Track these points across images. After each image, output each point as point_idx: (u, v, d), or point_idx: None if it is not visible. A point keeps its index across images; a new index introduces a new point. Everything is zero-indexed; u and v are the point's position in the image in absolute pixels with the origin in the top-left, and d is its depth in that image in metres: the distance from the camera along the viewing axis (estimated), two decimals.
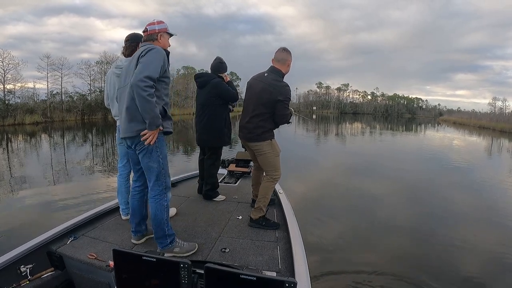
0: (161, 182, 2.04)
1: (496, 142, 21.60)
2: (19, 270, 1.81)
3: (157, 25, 2.08)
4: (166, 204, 2.07)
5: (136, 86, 1.82)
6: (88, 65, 33.86)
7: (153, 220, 2.05)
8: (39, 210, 4.93)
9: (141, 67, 1.86)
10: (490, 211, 5.51)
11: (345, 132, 25.53)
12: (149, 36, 2.07)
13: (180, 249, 2.08)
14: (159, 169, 2.02)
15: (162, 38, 2.09)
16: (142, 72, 1.83)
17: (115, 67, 2.56)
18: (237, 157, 4.46)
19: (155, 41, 2.07)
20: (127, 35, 2.59)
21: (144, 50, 1.94)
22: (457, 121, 48.48)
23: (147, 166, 2.02)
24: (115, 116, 2.65)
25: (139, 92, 1.81)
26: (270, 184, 2.62)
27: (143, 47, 1.98)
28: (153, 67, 1.87)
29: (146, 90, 1.81)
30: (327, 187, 6.95)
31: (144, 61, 1.88)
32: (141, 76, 1.82)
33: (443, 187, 7.27)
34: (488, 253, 3.85)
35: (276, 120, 2.56)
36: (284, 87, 2.50)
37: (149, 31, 2.07)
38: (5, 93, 25.53)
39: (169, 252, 2.06)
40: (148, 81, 1.82)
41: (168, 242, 2.07)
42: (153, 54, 1.91)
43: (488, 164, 11.85)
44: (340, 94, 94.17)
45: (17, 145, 13.84)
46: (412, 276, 3.20)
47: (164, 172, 2.06)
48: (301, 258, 1.91)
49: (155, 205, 2.03)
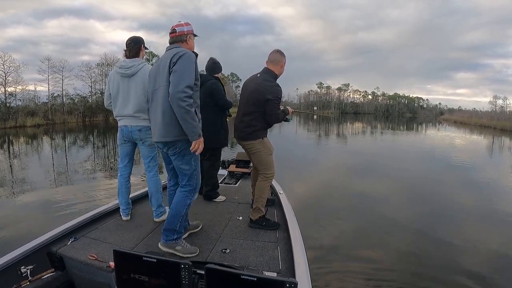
0: (192, 183, 2.10)
1: (497, 141, 21.55)
2: (20, 270, 1.82)
3: (185, 27, 2.08)
4: (189, 203, 2.12)
5: (176, 98, 1.83)
6: (89, 67, 33.97)
7: (171, 211, 2.09)
8: (41, 211, 4.94)
9: (178, 77, 1.87)
10: (493, 210, 5.49)
11: (346, 132, 25.52)
12: (178, 37, 2.07)
13: (182, 249, 2.07)
14: (191, 171, 2.08)
15: (190, 40, 2.11)
16: (180, 82, 1.85)
17: (118, 67, 2.57)
18: (237, 158, 4.46)
19: (184, 43, 2.07)
20: (129, 38, 2.61)
21: (174, 56, 1.92)
22: (458, 120, 48.40)
23: (179, 168, 2.08)
24: (116, 117, 2.65)
25: (179, 103, 1.83)
26: (265, 183, 2.63)
27: (173, 52, 1.96)
28: (188, 75, 1.89)
29: (186, 101, 1.84)
30: (327, 187, 6.94)
31: (178, 69, 1.89)
32: (180, 87, 1.83)
33: (445, 186, 7.25)
34: (491, 251, 3.83)
35: (267, 119, 2.57)
36: (273, 86, 2.53)
37: (178, 32, 2.06)
38: (6, 96, 25.63)
39: (170, 248, 2.05)
40: (188, 91, 1.85)
41: (174, 238, 2.06)
42: (186, 60, 1.91)
43: (489, 162, 11.83)
44: (340, 94, 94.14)
45: (19, 147, 13.88)
46: (413, 276, 3.19)
47: (196, 174, 2.12)
48: (302, 259, 1.91)
49: (179, 199, 2.09)
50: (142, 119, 2.57)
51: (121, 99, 2.57)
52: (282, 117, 2.67)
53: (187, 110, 1.84)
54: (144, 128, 2.59)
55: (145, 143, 2.64)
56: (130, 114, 2.56)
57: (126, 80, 2.54)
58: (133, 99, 2.54)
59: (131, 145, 2.71)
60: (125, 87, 2.54)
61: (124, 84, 2.54)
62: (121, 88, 2.55)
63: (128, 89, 2.54)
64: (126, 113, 2.57)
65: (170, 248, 2.05)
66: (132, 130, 2.59)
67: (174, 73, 1.89)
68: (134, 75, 2.52)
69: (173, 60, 1.91)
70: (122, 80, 2.55)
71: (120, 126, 2.65)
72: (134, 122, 2.58)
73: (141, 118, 2.57)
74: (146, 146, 2.66)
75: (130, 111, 2.55)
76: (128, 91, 2.54)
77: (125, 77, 2.54)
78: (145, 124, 2.58)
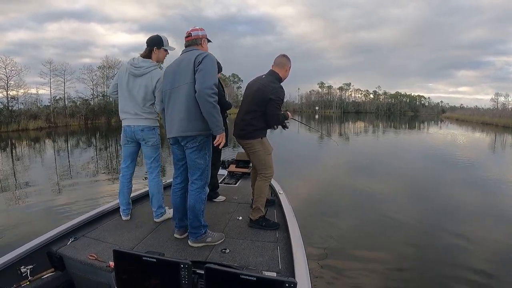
0: (203, 177, 2.21)
1: (500, 138, 21.44)
2: (20, 270, 1.83)
3: (200, 31, 2.25)
4: (204, 197, 2.23)
5: (204, 94, 1.97)
6: (90, 70, 34.03)
7: (191, 211, 2.19)
8: (42, 212, 4.97)
9: (205, 75, 2.01)
10: (498, 207, 5.45)
11: (348, 132, 25.45)
12: (194, 41, 2.23)
13: (212, 239, 2.23)
14: (205, 166, 2.20)
15: (204, 43, 2.28)
16: (207, 80, 2.00)
17: (131, 64, 2.57)
18: (237, 158, 4.45)
19: (199, 46, 2.23)
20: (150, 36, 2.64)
21: (199, 56, 2.07)
22: (460, 118, 48.28)
23: (195, 162, 2.17)
24: (120, 113, 2.65)
25: (208, 99, 1.98)
26: (263, 183, 2.63)
27: (196, 53, 2.11)
28: (213, 74, 2.05)
29: (213, 97, 1.99)
30: (327, 186, 6.92)
31: (204, 68, 2.03)
32: (208, 84, 1.99)
33: (448, 184, 7.22)
34: (495, 247, 3.81)
35: (268, 119, 2.58)
36: (277, 88, 2.56)
37: (193, 36, 2.23)
38: (9, 100, 25.74)
39: (202, 242, 2.20)
40: (214, 89, 2.00)
41: (203, 232, 2.20)
42: (210, 60, 2.06)
43: (493, 159, 11.77)
44: (342, 94, 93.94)
45: (22, 150, 13.95)
46: (414, 276, 3.18)
47: (208, 169, 2.24)
48: (301, 258, 1.91)
49: (195, 197, 2.18)
50: (145, 119, 2.59)
51: (126, 94, 2.59)
52: (282, 120, 2.68)
53: (214, 105, 1.99)
54: (147, 128, 2.60)
55: (148, 143, 2.65)
56: (133, 112, 2.57)
57: (133, 78, 2.56)
58: (136, 98, 2.56)
59: (135, 145, 2.72)
60: (130, 84, 2.56)
61: (130, 82, 2.56)
62: (127, 84, 2.57)
63: (133, 88, 2.56)
64: (128, 110, 2.59)
65: (201, 243, 2.20)
66: (135, 130, 2.60)
67: (200, 71, 2.02)
68: (141, 76, 2.54)
69: (198, 60, 2.05)
70: (130, 77, 2.56)
71: (123, 126, 2.66)
72: (136, 122, 2.59)
73: (143, 118, 2.58)
74: (149, 146, 2.67)
75: (132, 110, 2.57)
76: (133, 89, 2.56)
77: (132, 75, 2.55)
78: (148, 124, 2.60)
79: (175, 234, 2.37)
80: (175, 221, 2.37)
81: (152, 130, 2.64)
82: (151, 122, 2.64)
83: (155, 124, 2.68)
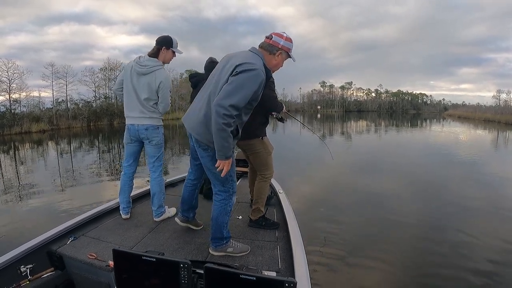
0: (227, 188, 1.98)
1: (502, 135, 21.30)
2: (19, 270, 1.83)
3: (283, 40, 1.86)
4: (230, 209, 2.02)
5: (215, 111, 1.65)
6: (92, 72, 34.28)
7: (214, 222, 2.03)
8: (43, 212, 5.00)
9: (229, 92, 1.66)
10: (503, 204, 5.39)
11: (350, 130, 25.37)
12: (269, 46, 1.86)
13: (234, 249, 2.06)
14: (224, 177, 1.88)
15: (279, 56, 1.88)
16: (227, 98, 1.64)
17: (136, 62, 2.56)
18: (237, 157, 4.44)
19: (271, 55, 1.86)
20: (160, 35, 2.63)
21: (243, 64, 1.70)
22: (462, 115, 48.00)
23: (211, 172, 1.93)
24: (125, 111, 2.65)
25: (217, 119, 1.64)
26: (264, 184, 2.60)
27: (247, 59, 1.74)
28: (242, 96, 1.67)
29: (225, 119, 1.64)
30: (328, 185, 6.89)
31: (235, 83, 1.67)
32: (225, 103, 1.63)
33: (451, 182, 7.17)
34: (499, 245, 3.78)
35: (264, 102, 2.26)
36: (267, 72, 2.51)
37: (272, 40, 1.86)
38: (11, 103, 25.91)
39: (222, 251, 2.06)
40: (232, 111, 1.65)
41: (223, 243, 2.06)
42: (248, 79, 1.68)
43: (496, 156, 11.69)
44: (344, 93, 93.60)
45: (24, 153, 14.02)
46: (415, 276, 3.15)
47: (231, 179, 1.96)
48: (301, 258, 1.90)
49: (219, 209, 1.99)
50: (149, 118, 2.59)
51: (131, 92, 2.59)
52: (280, 106, 2.58)
53: (223, 128, 1.65)
54: (151, 127, 2.61)
55: (151, 142, 2.65)
56: (138, 111, 2.57)
57: (137, 76, 2.55)
58: (140, 97, 2.56)
59: (138, 144, 2.72)
60: (135, 82, 2.56)
61: (134, 79, 2.56)
62: (132, 82, 2.57)
63: (137, 86, 2.56)
64: (133, 108, 2.59)
65: (222, 252, 2.06)
66: (139, 128, 2.61)
67: (229, 84, 1.68)
68: (145, 75, 2.53)
69: (237, 69, 1.70)
70: (135, 74, 2.56)
71: (127, 125, 2.67)
72: (141, 121, 2.59)
73: (147, 117, 2.58)
74: (152, 145, 2.67)
75: (137, 108, 2.57)
76: (137, 87, 2.56)
77: (136, 73, 2.55)
78: (152, 123, 2.60)
79: (176, 218, 2.42)
80: (180, 208, 2.38)
81: (156, 129, 2.64)
82: (155, 121, 2.63)
83: (159, 123, 2.68)
